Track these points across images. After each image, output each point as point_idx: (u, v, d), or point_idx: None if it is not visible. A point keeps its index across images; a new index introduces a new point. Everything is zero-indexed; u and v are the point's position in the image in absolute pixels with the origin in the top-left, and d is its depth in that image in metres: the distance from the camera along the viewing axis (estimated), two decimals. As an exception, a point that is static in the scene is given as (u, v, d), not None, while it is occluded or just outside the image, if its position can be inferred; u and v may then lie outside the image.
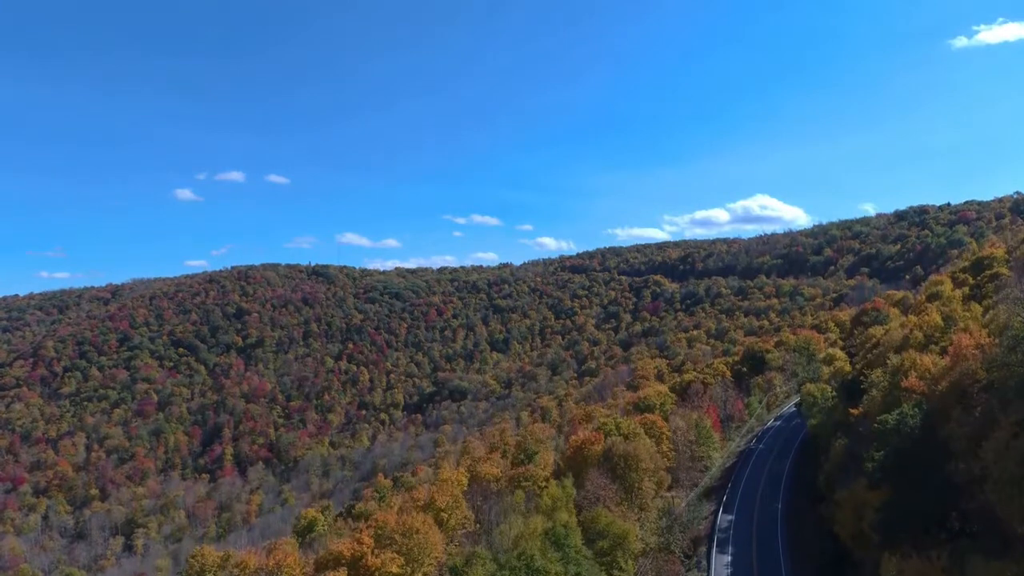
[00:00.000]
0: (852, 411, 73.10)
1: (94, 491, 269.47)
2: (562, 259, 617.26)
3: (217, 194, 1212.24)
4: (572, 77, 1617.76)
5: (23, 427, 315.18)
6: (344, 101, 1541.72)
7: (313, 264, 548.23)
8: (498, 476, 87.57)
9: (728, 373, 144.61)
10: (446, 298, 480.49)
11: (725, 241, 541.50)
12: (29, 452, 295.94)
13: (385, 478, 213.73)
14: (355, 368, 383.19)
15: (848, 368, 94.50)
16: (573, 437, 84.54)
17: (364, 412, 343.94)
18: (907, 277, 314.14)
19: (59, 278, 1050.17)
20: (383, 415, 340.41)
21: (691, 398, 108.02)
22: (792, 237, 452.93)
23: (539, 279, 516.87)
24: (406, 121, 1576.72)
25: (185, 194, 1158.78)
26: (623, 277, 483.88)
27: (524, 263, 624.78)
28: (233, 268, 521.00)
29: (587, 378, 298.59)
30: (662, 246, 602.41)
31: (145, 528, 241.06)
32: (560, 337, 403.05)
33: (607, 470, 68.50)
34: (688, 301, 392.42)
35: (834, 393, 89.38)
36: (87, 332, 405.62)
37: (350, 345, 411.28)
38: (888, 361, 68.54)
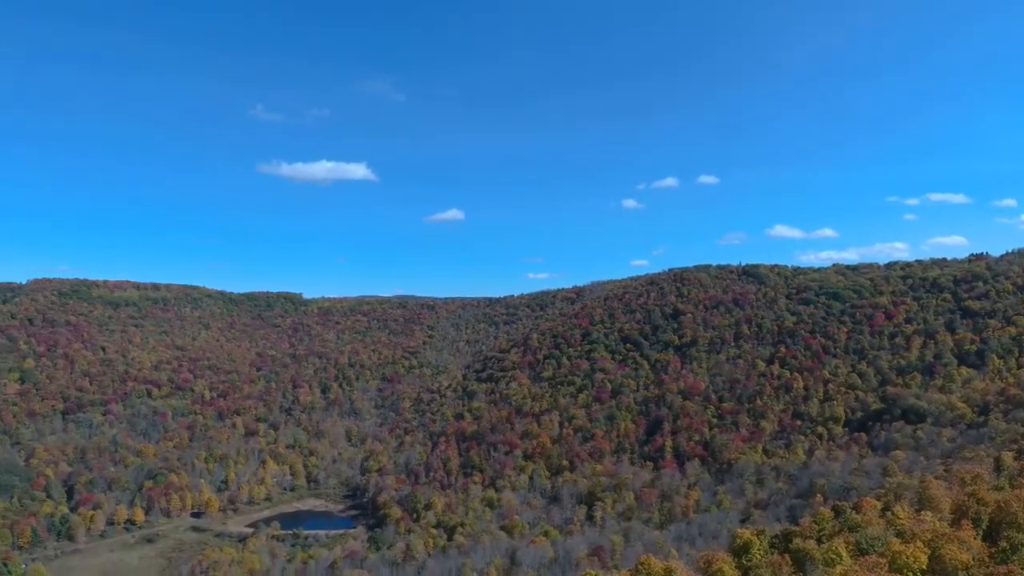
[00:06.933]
0: None
1: (565, 462, 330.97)
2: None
3: (655, 200, 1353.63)
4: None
5: (516, 402, 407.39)
6: (769, 95, 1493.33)
7: (743, 264, 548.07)
8: (968, 565, 79.45)
9: None
10: (897, 299, 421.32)
11: None
12: (520, 423, 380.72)
13: (824, 502, 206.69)
14: (788, 374, 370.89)
15: None
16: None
17: (799, 423, 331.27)
18: None
19: (540, 278, 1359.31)
20: (820, 428, 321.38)
21: None
22: None
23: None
24: (839, 105, 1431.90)
25: (630, 203, 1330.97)
26: None
27: (1005, 253, 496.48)
28: (669, 271, 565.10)
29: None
30: None
31: (602, 502, 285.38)
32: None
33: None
34: None
35: None
36: (559, 327, 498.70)
37: (782, 349, 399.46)
38: None
